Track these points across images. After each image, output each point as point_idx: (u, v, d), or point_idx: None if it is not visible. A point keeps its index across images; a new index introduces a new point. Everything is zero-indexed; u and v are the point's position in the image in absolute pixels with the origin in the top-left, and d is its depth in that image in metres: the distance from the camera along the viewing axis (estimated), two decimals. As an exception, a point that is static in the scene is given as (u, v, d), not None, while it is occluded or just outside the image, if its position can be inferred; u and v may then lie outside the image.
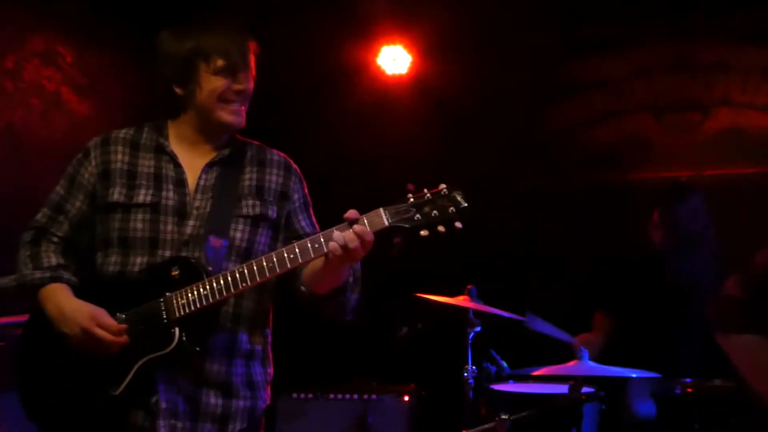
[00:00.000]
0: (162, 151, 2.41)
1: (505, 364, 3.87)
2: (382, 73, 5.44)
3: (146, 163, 2.40)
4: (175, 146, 2.42)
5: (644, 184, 5.07)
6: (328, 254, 2.16)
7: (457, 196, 2.12)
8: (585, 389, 3.61)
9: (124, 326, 2.26)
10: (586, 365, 3.57)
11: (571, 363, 3.69)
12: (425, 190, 2.14)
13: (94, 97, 4.66)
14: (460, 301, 3.86)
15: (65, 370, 2.30)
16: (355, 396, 4.51)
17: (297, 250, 2.18)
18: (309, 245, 2.18)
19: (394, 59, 5.40)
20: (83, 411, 2.27)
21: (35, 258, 2.36)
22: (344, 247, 2.12)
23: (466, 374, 3.76)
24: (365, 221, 2.14)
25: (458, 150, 5.27)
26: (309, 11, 5.06)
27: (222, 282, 2.21)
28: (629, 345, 4.05)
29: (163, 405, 2.25)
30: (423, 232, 2.12)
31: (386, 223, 2.13)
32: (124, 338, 2.25)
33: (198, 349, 2.25)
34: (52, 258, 2.36)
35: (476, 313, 3.84)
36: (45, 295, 2.31)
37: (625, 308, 4.15)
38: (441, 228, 2.11)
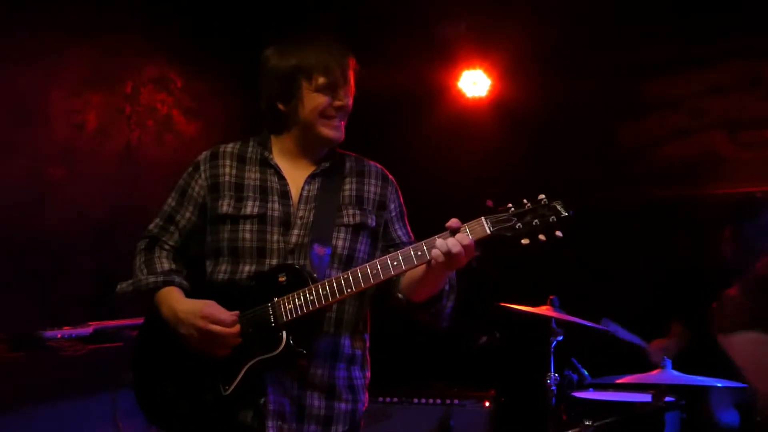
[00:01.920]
0: (267, 164, 2.41)
1: (586, 373, 3.76)
2: (463, 96, 5.41)
3: (252, 176, 2.40)
4: (279, 159, 2.42)
5: (718, 200, 4.87)
6: (430, 261, 2.12)
7: (557, 205, 2.07)
8: (667, 398, 3.45)
9: (236, 316, 2.25)
10: (669, 374, 3.41)
11: (654, 372, 3.53)
12: (525, 200, 2.09)
13: (200, 119, 4.77)
14: (543, 310, 3.76)
15: (179, 371, 2.30)
16: (438, 401, 4.44)
17: (400, 257, 2.15)
18: (412, 252, 2.15)
19: (474, 83, 5.37)
20: (196, 410, 2.27)
21: (149, 264, 2.39)
22: (447, 253, 2.08)
23: (548, 381, 3.65)
24: (467, 230, 2.10)
25: (536, 168, 5.18)
26: (393, 36, 5.06)
27: (327, 288, 2.20)
28: (708, 354, 3.86)
29: (271, 406, 2.24)
30: (524, 241, 2.07)
31: (488, 231, 2.09)
32: (237, 328, 2.24)
33: (304, 351, 2.23)
34: (164, 263, 2.39)
35: (558, 322, 3.74)
36: (159, 299, 2.34)
37: (699, 319, 3.96)
38: (542, 237, 2.06)
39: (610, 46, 5.09)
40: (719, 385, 3.36)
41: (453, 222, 2.11)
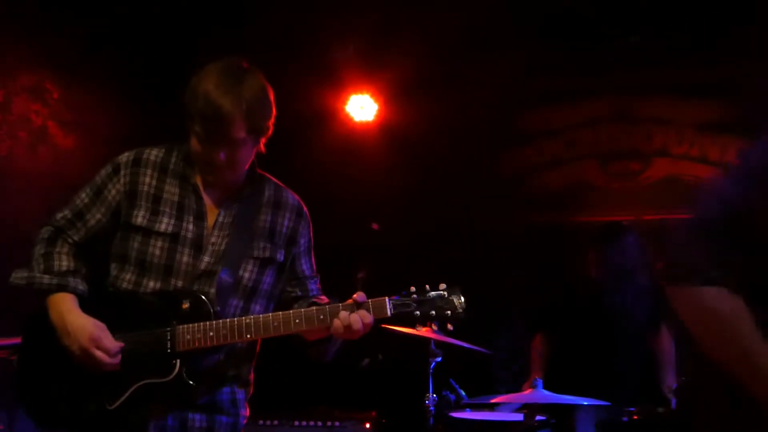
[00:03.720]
0: (187, 181, 2.37)
1: (463, 393, 3.86)
2: (351, 120, 5.48)
3: (171, 190, 2.36)
4: (199, 176, 2.37)
5: (588, 227, 5.14)
6: (329, 327, 2.20)
7: (455, 299, 2.20)
8: (538, 417, 3.60)
9: (120, 346, 2.23)
10: (539, 393, 3.56)
11: (526, 391, 3.67)
12: (427, 287, 2.22)
13: (78, 131, 4.60)
14: (423, 332, 3.83)
15: (65, 375, 2.27)
16: (319, 423, 4.42)
17: (303, 317, 2.21)
18: (315, 315, 2.21)
19: (362, 107, 5.44)
20: (78, 418, 2.25)
21: (48, 258, 2.32)
22: (347, 327, 2.18)
23: (426, 402, 3.73)
24: (370, 306, 2.19)
25: (421, 192, 5.31)
26: (281, 59, 5.06)
27: (228, 328, 2.22)
28: (577, 372, 4.06)
29: (154, 421, 2.25)
30: (418, 327, 2.24)
31: (389, 314, 2.20)
32: (117, 359, 2.23)
33: (193, 384, 2.24)
34: (63, 261, 2.32)
35: (437, 343, 3.83)
36: (50, 303, 2.28)
37: (565, 329, 4.19)
38: (434, 327, 2.23)
39: (493, 75, 5.30)
40: (585, 403, 3.55)
41: (358, 296, 2.20)
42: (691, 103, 5.27)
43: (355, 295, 2.20)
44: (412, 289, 2.22)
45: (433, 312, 2.19)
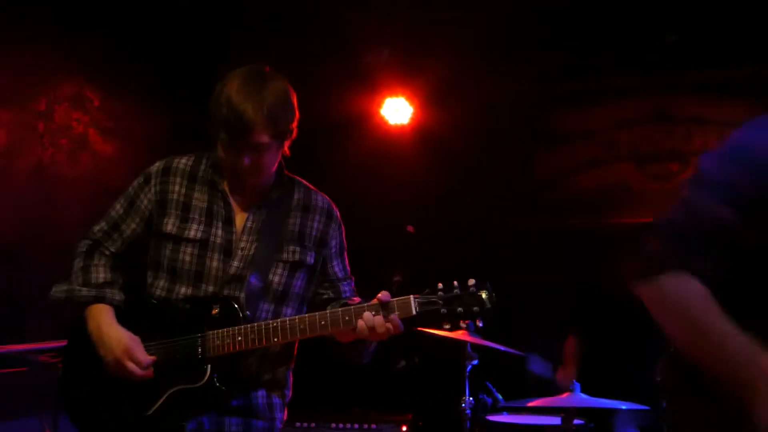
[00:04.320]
0: (215, 188, 2.40)
1: (500, 396, 3.85)
2: (385, 123, 5.50)
3: (200, 197, 2.39)
4: (227, 182, 2.40)
5: (625, 229, 5.08)
6: (354, 329, 2.19)
7: (482, 295, 2.14)
8: (576, 421, 3.58)
9: (152, 360, 2.28)
10: (577, 397, 3.54)
11: (564, 395, 3.65)
12: (455, 283, 2.16)
13: (117, 138, 4.69)
14: (459, 335, 3.84)
15: (104, 383, 2.32)
16: (356, 425, 4.45)
17: (329, 319, 2.21)
18: (340, 316, 2.20)
19: (397, 110, 5.46)
20: (119, 425, 2.30)
21: (86, 271, 2.38)
22: (371, 329, 2.16)
23: (463, 405, 3.73)
24: (395, 306, 2.16)
25: (456, 194, 5.31)
26: (316, 63, 5.11)
27: (256, 332, 2.24)
28: (614, 375, 4.03)
29: (190, 425, 2.28)
30: (446, 326, 2.17)
31: (414, 312, 2.16)
32: (149, 372, 2.28)
33: (224, 389, 2.27)
34: (101, 273, 2.38)
35: (473, 346, 3.82)
36: (89, 314, 2.34)
37: (600, 331, 4.15)
38: (463, 324, 2.18)
39: (528, 76, 5.28)
40: (623, 407, 3.52)
41: (383, 295, 2.17)
42: (730, 102, 5.19)
43: (379, 295, 2.17)
44: (440, 286, 2.16)
45: (461, 309, 2.13)
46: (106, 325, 2.31)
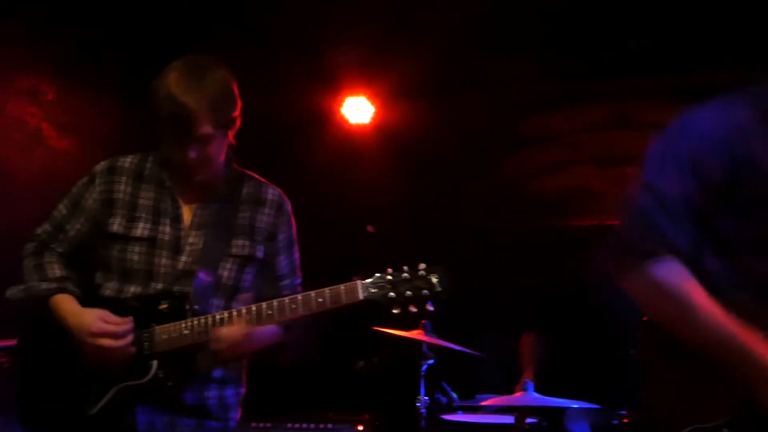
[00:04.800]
0: (162, 185, 2.39)
1: (455, 395, 3.87)
2: (346, 122, 5.50)
3: (147, 195, 2.38)
4: (174, 179, 2.40)
5: (587, 231, 5.15)
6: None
7: (433, 278, 2.11)
8: (529, 420, 3.62)
9: (128, 320, 2.25)
10: (530, 396, 3.58)
11: (517, 394, 3.69)
12: (405, 268, 2.14)
13: (73, 133, 4.64)
14: (415, 334, 3.86)
15: (53, 381, 2.31)
16: (312, 425, 4.44)
17: (276, 308, 2.20)
18: (287, 305, 2.20)
19: (358, 109, 5.46)
20: (65, 426, 2.27)
21: (40, 269, 2.36)
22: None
23: (418, 404, 3.75)
24: (342, 291, 2.14)
25: (418, 195, 5.33)
26: (278, 62, 5.10)
27: (203, 323, 2.23)
28: (570, 374, 4.09)
29: (141, 427, 2.26)
30: (394, 310, 2.13)
31: (360, 296, 2.14)
32: (128, 340, 2.23)
33: (171, 384, 2.25)
34: (56, 269, 2.37)
35: (430, 346, 3.84)
36: (54, 305, 2.32)
37: (558, 330, 4.21)
38: (413, 308, 2.13)
39: (492, 80, 5.33)
40: (575, 406, 3.57)
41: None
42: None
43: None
44: (389, 270, 2.14)
45: (410, 292, 2.10)
46: (76, 308, 2.29)
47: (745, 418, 1.67)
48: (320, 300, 2.15)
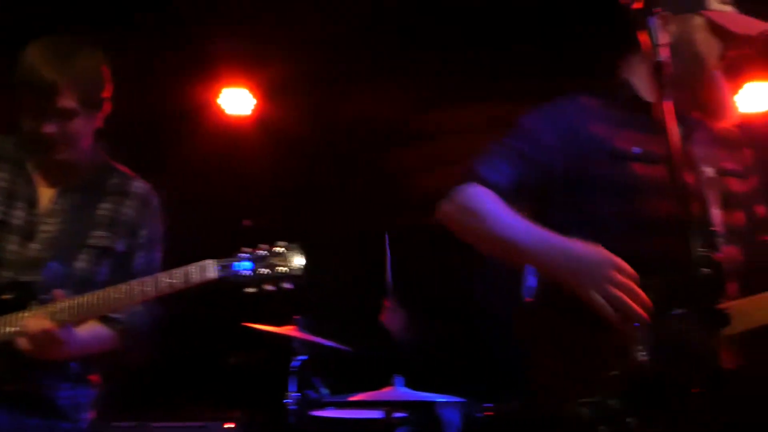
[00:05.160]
0: (19, 166, 2.27)
1: (325, 391, 3.88)
2: (224, 113, 5.39)
3: (2, 176, 2.26)
4: (37, 162, 2.28)
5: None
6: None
7: (291, 256, 2.09)
8: (398, 414, 3.68)
9: None
10: (399, 391, 3.64)
11: (386, 389, 3.75)
12: (262, 246, 2.11)
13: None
14: (287, 330, 3.85)
15: None
16: (180, 424, 4.33)
17: (124, 293, 2.12)
18: (138, 287, 2.12)
19: (237, 100, 5.37)
20: None
21: None
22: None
23: (287, 401, 3.73)
24: (194, 270, 2.08)
25: (300, 190, 5.31)
26: (157, 52, 4.95)
27: (49, 315, 2.10)
28: (440, 368, 4.19)
29: None
30: (250, 289, 2.09)
31: (215, 275, 2.08)
32: None
33: (10, 378, 2.13)
34: None
35: (302, 342, 3.84)
36: None
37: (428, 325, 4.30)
38: (269, 287, 2.10)
39: (375, 75, 5.36)
40: (442, 400, 3.66)
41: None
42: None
43: None
44: (246, 249, 2.11)
45: (267, 270, 2.07)
46: None
47: (629, 388, 1.72)
48: (170, 280, 2.08)
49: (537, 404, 1.84)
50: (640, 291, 1.71)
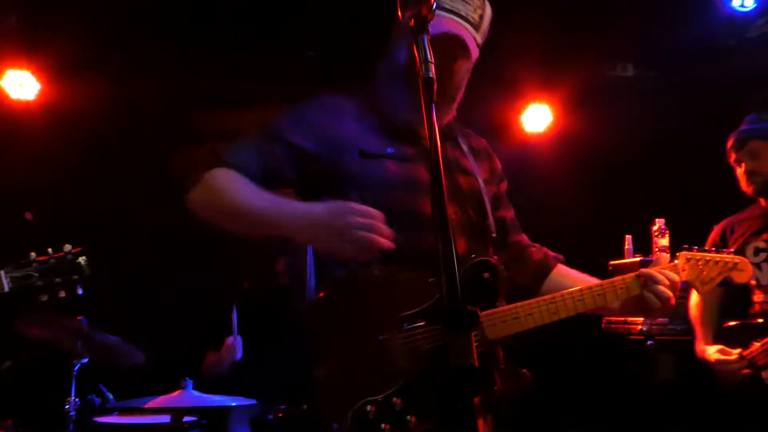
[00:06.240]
0: None
1: (110, 396, 3.75)
2: (7, 97, 5.03)
3: None
4: None
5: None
6: None
7: (81, 262, 2.09)
8: (188, 418, 3.64)
9: None
10: (189, 395, 3.60)
11: (175, 393, 3.69)
12: (50, 251, 2.07)
13: None
14: (61, 334, 3.66)
15: None
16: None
17: None
18: None
19: (21, 84, 5.02)
20: None
21: None
22: None
23: (67, 407, 3.57)
24: None
25: (83, 182, 5.06)
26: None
27: None
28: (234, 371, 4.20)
29: None
30: (43, 298, 2.07)
31: (6, 288, 2.03)
32: None
33: None
34: None
35: (84, 344, 3.68)
36: None
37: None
38: (63, 294, 2.09)
39: (168, 70, 5.24)
40: (233, 404, 3.67)
41: None
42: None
43: None
44: (33, 255, 2.07)
45: (59, 279, 2.06)
46: None
47: (412, 383, 1.82)
48: None
49: (325, 401, 1.87)
50: (381, 225, 1.82)
